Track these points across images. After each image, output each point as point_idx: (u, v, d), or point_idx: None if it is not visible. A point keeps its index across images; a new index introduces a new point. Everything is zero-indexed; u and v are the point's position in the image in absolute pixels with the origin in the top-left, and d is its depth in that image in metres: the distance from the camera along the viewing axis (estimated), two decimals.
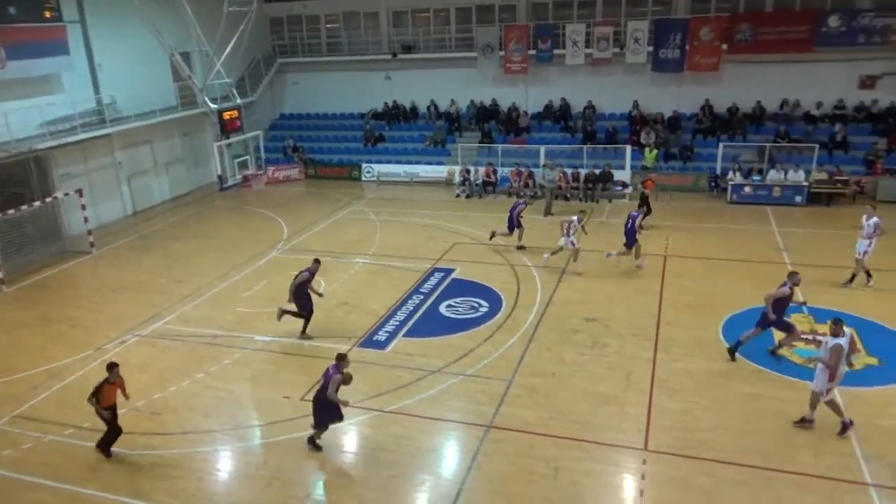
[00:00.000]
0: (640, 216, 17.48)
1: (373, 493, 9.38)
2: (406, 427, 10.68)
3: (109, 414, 9.99)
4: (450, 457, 10.18)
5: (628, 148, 25.00)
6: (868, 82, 24.85)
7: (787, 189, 22.15)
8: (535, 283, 16.44)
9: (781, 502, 8.78)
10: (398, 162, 28.81)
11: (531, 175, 25.01)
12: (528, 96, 29.00)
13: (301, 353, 13.35)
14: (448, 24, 29.98)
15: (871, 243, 15.29)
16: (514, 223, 18.70)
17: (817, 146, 23.09)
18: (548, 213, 22.19)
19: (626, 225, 17.06)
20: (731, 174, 23.13)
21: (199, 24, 25.43)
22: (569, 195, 24.18)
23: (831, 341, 9.88)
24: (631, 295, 15.48)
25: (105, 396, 9.93)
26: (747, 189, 22.65)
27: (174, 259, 19.53)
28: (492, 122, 28.84)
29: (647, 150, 25.46)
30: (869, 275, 15.51)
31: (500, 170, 25.66)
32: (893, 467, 9.32)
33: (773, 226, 20.10)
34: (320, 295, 14.12)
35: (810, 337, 13.05)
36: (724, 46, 25.11)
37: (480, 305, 15.20)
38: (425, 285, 16.48)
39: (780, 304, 12.08)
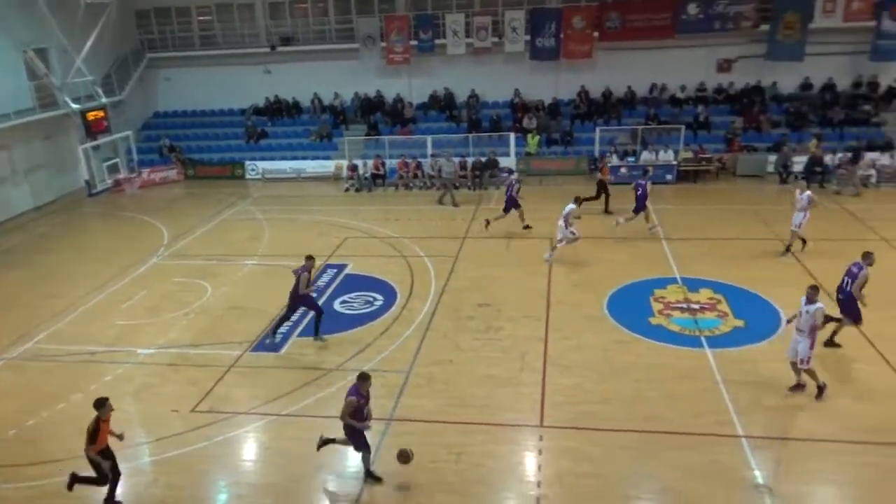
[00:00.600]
0: (647, 184, 18.25)
1: (272, 501, 9.15)
2: (305, 429, 10.48)
3: (110, 465, 8.78)
4: (351, 455, 10.08)
5: (512, 135, 25.70)
6: (725, 66, 26.82)
7: (658, 168, 23.55)
8: (428, 273, 16.57)
9: (665, 461, 9.37)
10: (283, 158, 28.07)
11: (419, 166, 25.14)
12: (413, 87, 29.07)
13: (188, 364, 12.77)
14: (327, 15, 29.46)
15: (805, 215, 16.35)
16: (511, 203, 18.70)
17: (683, 127, 24.73)
18: (453, 204, 22.34)
19: (636, 192, 17.98)
20: (607, 156, 24.29)
21: (54, 18, 23.55)
22: (457, 184, 24.51)
23: (812, 307, 10.32)
24: (522, 278, 15.93)
25: (101, 439, 8.65)
26: (623, 170, 23.88)
27: (43, 273, 18.09)
28: (377, 113, 28.70)
29: (529, 136, 26.25)
30: (804, 242, 16.63)
31: (388, 162, 25.61)
32: (760, 419, 10.18)
33: (648, 204, 21.27)
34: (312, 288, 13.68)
35: (685, 305, 14.01)
36: (596, 34, 26.25)
37: (375, 299, 15.15)
38: (318, 282, 16.22)
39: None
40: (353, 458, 9.87)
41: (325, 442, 9.52)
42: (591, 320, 13.65)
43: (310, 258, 13.28)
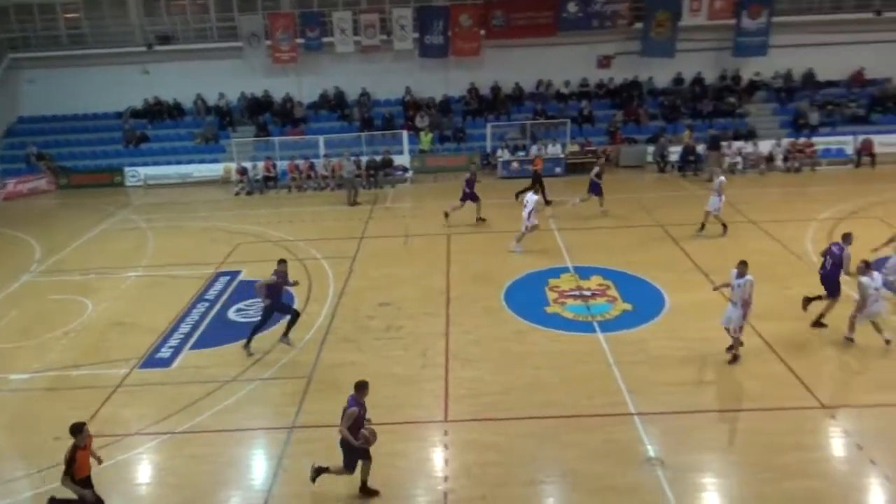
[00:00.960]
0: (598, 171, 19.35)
1: None
2: (203, 445, 10.07)
3: (92, 494, 8.09)
4: (254, 467, 9.82)
5: (405, 133, 25.76)
6: (604, 62, 28.10)
7: (547, 162, 24.35)
8: (326, 275, 16.33)
9: (564, 444, 9.73)
10: (167, 163, 26.76)
11: (312, 167, 24.70)
12: (302, 86, 28.49)
13: (70, 387, 11.92)
14: (207, 13, 28.32)
15: (721, 198, 17.47)
16: (468, 195, 19.04)
17: (569, 121, 25.74)
18: (353, 203, 22.08)
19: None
20: (499, 151, 24.88)
21: None
22: (363, 183, 24.24)
23: (742, 280, 11.04)
24: (420, 275, 16.02)
25: (80, 467, 7.97)
26: (515, 164, 24.55)
27: None
28: (266, 114, 27.92)
29: (422, 133, 26.42)
30: (725, 227, 17.69)
31: (279, 163, 24.99)
32: (650, 396, 10.78)
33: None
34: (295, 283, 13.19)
35: (577, 293, 14.59)
36: (483, 32, 26.76)
37: None
38: (210, 292, 15.59)
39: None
40: (256, 469, 9.60)
41: (318, 472, 8.83)
42: (490, 313, 13.94)
43: (282, 261, 12.73)
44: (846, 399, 10.53)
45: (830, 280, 12.48)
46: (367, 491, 8.87)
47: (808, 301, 12.78)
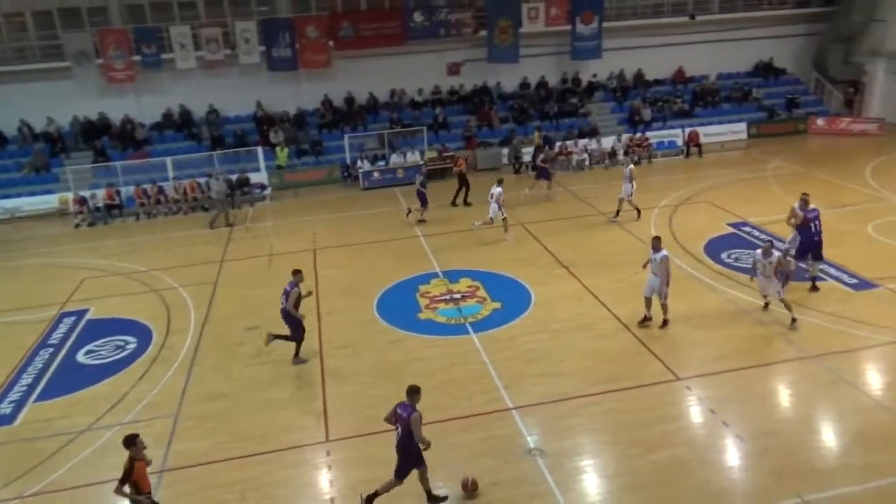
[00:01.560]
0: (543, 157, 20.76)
1: None
2: None
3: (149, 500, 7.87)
4: None
5: (259, 149, 24.93)
6: (454, 69, 28.82)
7: (408, 170, 24.59)
8: (186, 304, 15.42)
9: (449, 447, 9.79)
10: None
11: (161, 191, 23.23)
12: (142, 106, 26.71)
13: None
14: (26, 31, 25.83)
15: (632, 186, 18.67)
16: (422, 197, 19.76)
17: (425, 128, 26.13)
18: (228, 224, 21.03)
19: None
20: (359, 163, 24.76)
21: None
22: (207, 205, 23.09)
23: (658, 255, 12.34)
24: None
25: (140, 479, 7.78)
26: (376, 174, 24.53)
27: None
28: (104, 138, 25.89)
29: (278, 149, 25.70)
30: (639, 211, 19.00)
31: (123, 190, 23.28)
32: (525, 389, 11.15)
33: (403, 204, 22.13)
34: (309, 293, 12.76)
35: (448, 297, 14.82)
36: (331, 43, 26.53)
37: (127, 343, 13.67)
38: (54, 336, 14.20)
39: None
40: None
41: (370, 500, 8.60)
42: (364, 325, 13.81)
43: (297, 272, 12.42)
44: (697, 369, 11.46)
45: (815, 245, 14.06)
46: (435, 499, 8.80)
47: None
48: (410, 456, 8.50)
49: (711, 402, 10.44)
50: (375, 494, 8.62)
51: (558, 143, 25.93)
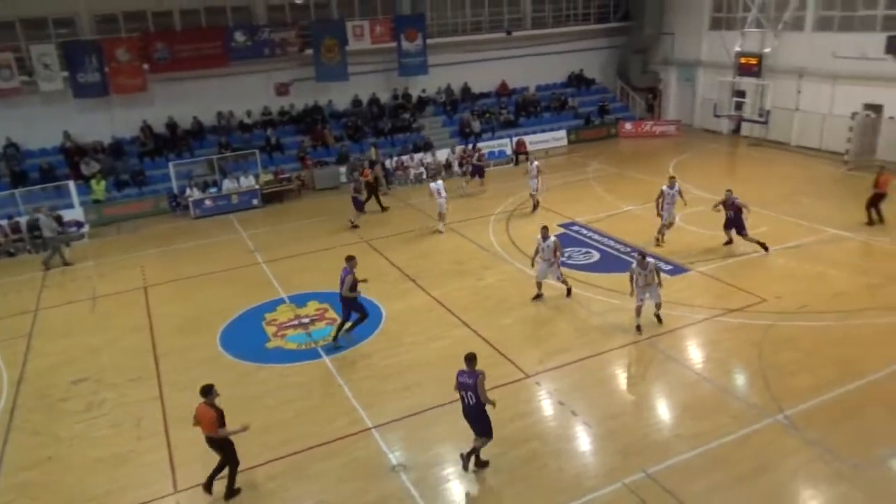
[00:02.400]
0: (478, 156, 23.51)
1: None
2: None
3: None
4: None
5: (71, 183, 22.63)
6: (283, 89, 28.18)
7: (243, 195, 23.64)
8: None
9: (311, 476, 9.52)
10: None
11: None
12: None
13: None
14: None
15: (538, 181, 20.72)
16: (358, 203, 20.48)
17: (258, 151, 25.25)
18: (64, 263, 18.90)
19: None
20: (188, 191, 23.39)
21: None
22: (13, 249, 20.58)
23: (548, 240, 13.96)
24: (117, 339, 14.26)
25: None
26: (208, 202, 23.30)
27: None
28: None
29: (93, 181, 23.52)
30: (536, 205, 20.93)
31: None
32: (382, 406, 11.09)
33: (241, 231, 21.25)
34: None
35: (297, 322, 14.39)
36: (146, 66, 24.87)
37: None
38: None
39: None
40: None
41: (469, 457, 9.41)
42: (208, 362, 13.01)
43: (350, 258, 12.95)
44: (544, 364, 12.06)
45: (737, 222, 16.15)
46: (481, 463, 9.50)
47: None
48: (485, 421, 9.23)
49: (559, 395, 11.03)
50: (474, 451, 9.39)
51: (395, 158, 26.21)
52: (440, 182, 19.92)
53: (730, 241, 16.82)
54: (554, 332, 13.29)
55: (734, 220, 16.26)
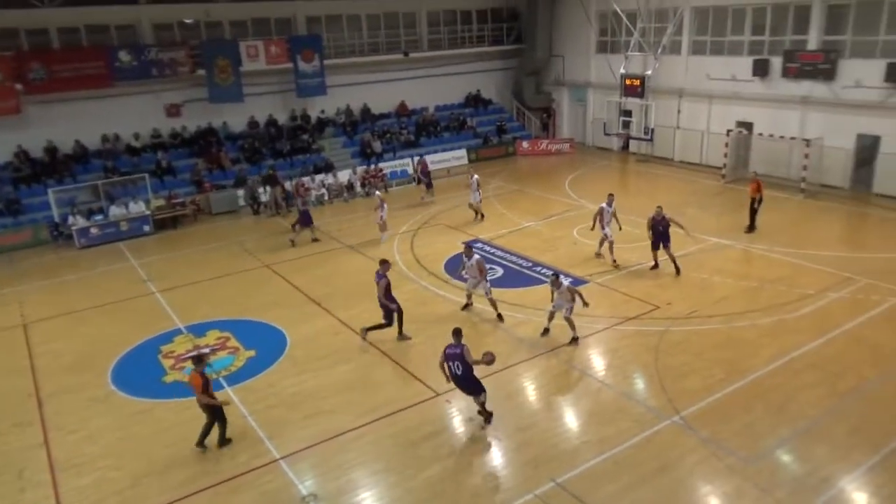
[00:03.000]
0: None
1: None
2: None
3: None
4: None
5: None
6: (174, 111, 27.10)
7: (132, 222, 22.44)
8: None
9: None
10: None
11: None
12: None
13: None
14: None
15: (479, 194, 21.62)
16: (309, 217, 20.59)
17: (147, 175, 24.04)
18: None
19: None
20: (71, 219, 21.93)
21: None
22: None
23: (472, 259, 14.28)
24: None
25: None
26: (94, 230, 21.92)
27: None
28: None
29: None
30: (482, 216, 21.85)
31: None
32: (289, 436, 10.76)
33: (132, 260, 20.14)
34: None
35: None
36: (20, 87, 23.23)
37: None
38: None
39: None
40: None
41: (483, 414, 10.75)
42: (99, 402, 12.18)
43: (384, 262, 13.47)
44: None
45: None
46: (486, 414, 10.72)
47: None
48: (474, 383, 10.46)
49: (469, 411, 11.10)
50: (483, 407, 10.68)
51: (295, 180, 25.75)
52: (379, 193, 20.99)
53: (656, 266, 16.82)
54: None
55: (663, 235, 16.29)
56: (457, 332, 10.55)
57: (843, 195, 22.99)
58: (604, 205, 17.20)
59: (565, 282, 13.81)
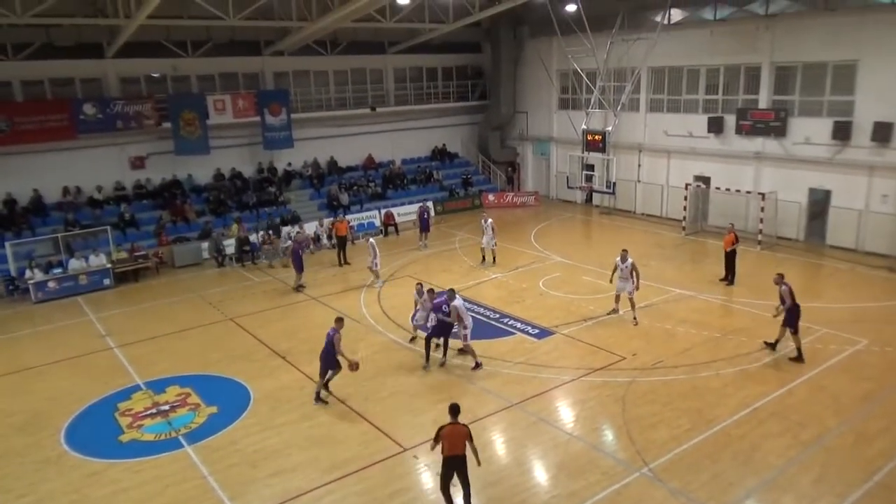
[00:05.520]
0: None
1: None
2: None
3: None
4: None
5: None
6: (138, 163, 26.92)
7: (92, 275, 21.92)
8: None
9: None
10: None
11: None
12: None
13: None
14: None
15: (493, 237, 22.38)
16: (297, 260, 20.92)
17: (109, 227, 23.63)
18: None
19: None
20: (28, 273, 21.33)
21: None
22: None
23: (455, 302, 14.33)
24: None
25: None
26: (52, 284, 21.33)
27: None
28: None
29: None
30: (493, 257, 22.68)
31: None
32: (252, 495, 10.38)
33: (90, 314, 19.60)
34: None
35: (154, 410, 13.32)
36: None
37: None
38: None
39: None
40: None
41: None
42: (49, 463, 11.63)
43: (339, 320, 13.56)
44: (420, 437, 11.89)
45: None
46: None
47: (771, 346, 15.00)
48: (330, 360, 12.96)
49: (437, 466, 10.88)
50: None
51: (261, 233, 25.60)
52: (373, 240, 21.24)
53: (615, 311, 17.16)
54: (431, 402, 13.24)
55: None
56: (337, 320, 13.50)
57: (798, 247, 23.74)
58: (617, 259, 16.91)
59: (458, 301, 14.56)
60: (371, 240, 21.82)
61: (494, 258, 22.70)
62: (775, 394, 12.95)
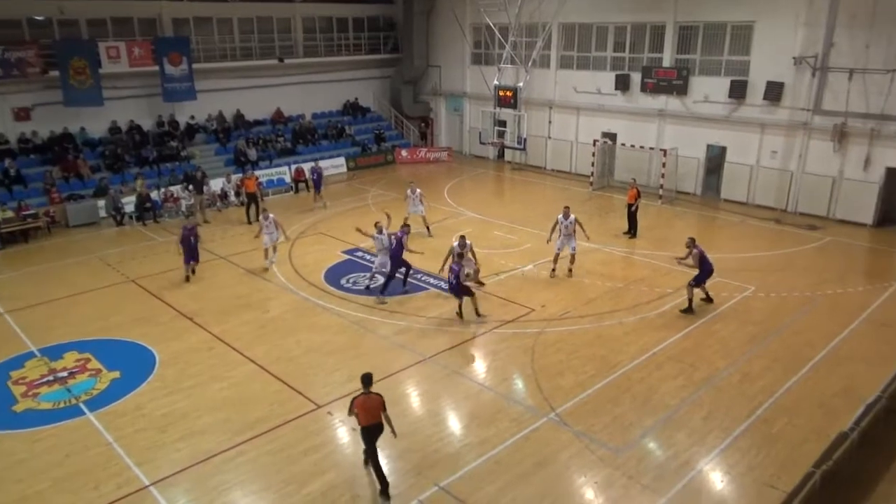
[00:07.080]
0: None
1: None
2: None
3: None
4: None
5: None
6: (23, 114, 24.89)
7: None
8: None
9: None
10: None
11: None
12: None
13: None
14: None
15: (423, 207, 21.23)
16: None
17: None
18: None
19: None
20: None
21: None
22: None
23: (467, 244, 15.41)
24: None
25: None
26: None
27: None
28: None
29: None
30: (428, 228, 21.18)
31: None
32: (160, 460, 10.16)
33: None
34: None
35: (52, 377, 12.68)
36: None
37: None
38: None
39: None
40: None
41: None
42: None
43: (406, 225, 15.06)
44: (334, 394, 11.94)
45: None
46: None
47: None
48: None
49: (352, 421, 10.97)
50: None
51: (162, 190, 24.41)
52: (273, 216, 18.55)
53: (554, 271, 17.32)
54: (343, 359, 13.25)
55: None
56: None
57: (695, 201, 25.03)
58: (560, 216, 17.15)
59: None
60: (271, 215, 18.65)
61: (428, 228, 21.48)
62: (672, 339, 13.79)
